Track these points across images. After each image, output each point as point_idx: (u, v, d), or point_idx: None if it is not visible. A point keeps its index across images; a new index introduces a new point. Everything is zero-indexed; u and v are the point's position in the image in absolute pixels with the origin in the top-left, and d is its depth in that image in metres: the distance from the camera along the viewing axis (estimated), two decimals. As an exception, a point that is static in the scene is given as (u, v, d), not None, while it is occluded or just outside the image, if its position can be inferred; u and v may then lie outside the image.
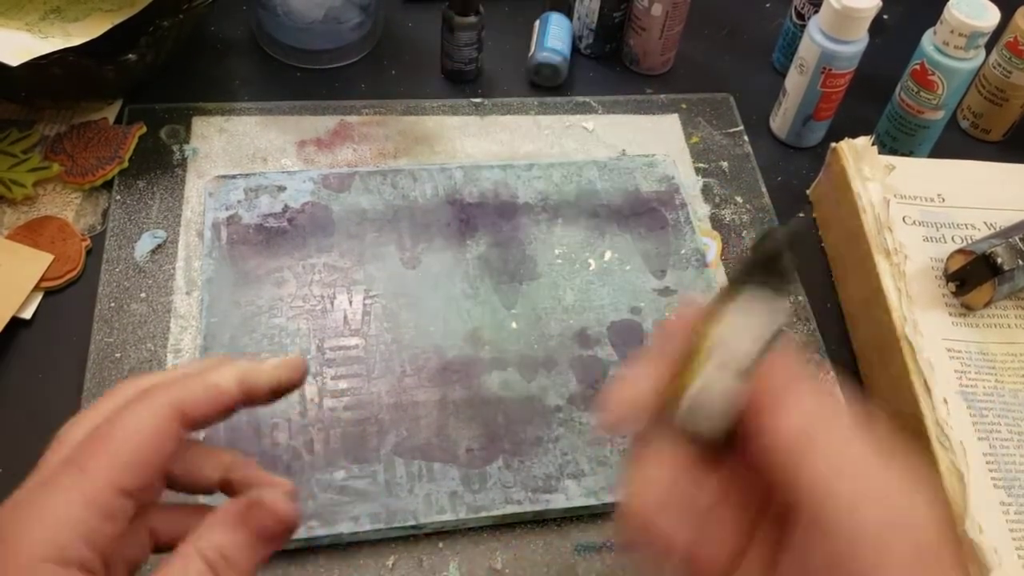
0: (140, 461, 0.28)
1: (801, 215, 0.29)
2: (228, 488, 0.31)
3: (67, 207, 0.59)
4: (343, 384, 0.51)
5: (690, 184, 0.66)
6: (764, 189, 0.66)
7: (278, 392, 0.31)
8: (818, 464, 0.25)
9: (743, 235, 0.63)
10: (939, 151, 0.68)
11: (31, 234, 0.57)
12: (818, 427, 0.26)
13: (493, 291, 0.56)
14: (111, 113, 0.64)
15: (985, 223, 0.60)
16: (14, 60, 0.54)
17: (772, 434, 0.26)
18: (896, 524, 0.25)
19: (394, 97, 0.69)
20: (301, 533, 0.46)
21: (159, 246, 0.57)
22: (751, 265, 0.29)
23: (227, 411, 0.30)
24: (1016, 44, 0.66)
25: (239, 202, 0.58)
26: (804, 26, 0.66)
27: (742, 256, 0.62)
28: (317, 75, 0.70)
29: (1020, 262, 0.53)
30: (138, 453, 0.27)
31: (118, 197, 0.60)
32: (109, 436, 0.28)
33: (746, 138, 0.69)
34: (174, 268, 0.57)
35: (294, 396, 0.50)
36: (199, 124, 0.64)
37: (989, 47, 0.64)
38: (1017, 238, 0.54)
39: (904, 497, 0.26)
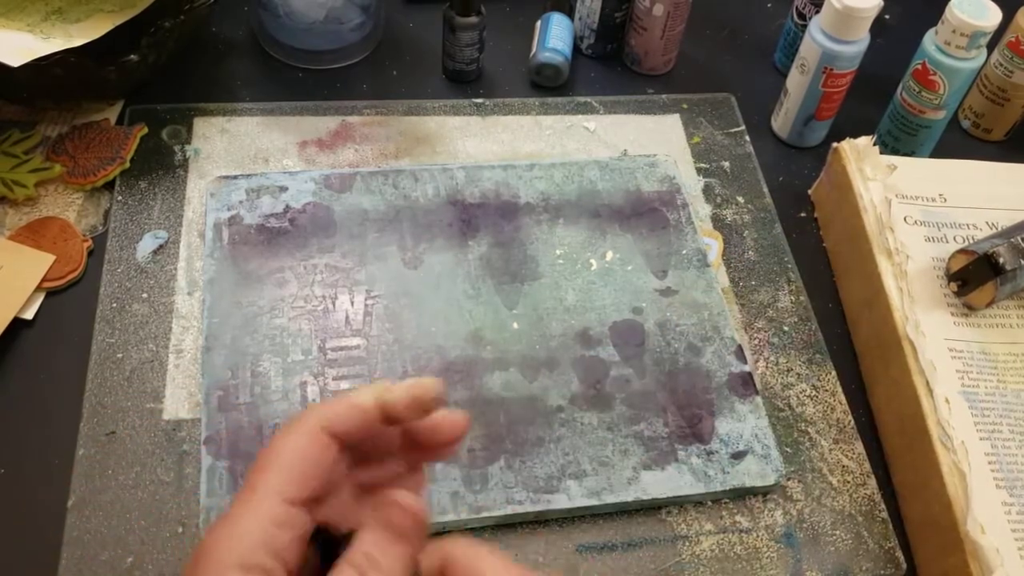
0: (299, 473, 0.32)
1: None
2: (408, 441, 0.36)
3: (69, 208, 0.59)
4: (345, 384, 0.51)
5: (691, 184, 0.66)
6: (765, 189, 0.66)
7: (415, 408, 0.34)
8: None
9: (744, 235, 0.63)
10: (940, 151, 0.68)
11: (33, 235, 0.57)
12: None
13: (495, 291, 0.56)
14: (113, 114, 0.64)
15: (987, 223, 0.60)
16: (16, 61, 0.54)
17: None
18: None
19: (395, 97, 0.69)
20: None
21: (161, 246, 0.58)
22: None
23: (369, 425, 0.34)
24: (1017, 44, 0.65)
25: (241, 202, 0.58)
26: (805, 26, 0.66)
27: (744, 256, 0.62)
28: (318, 76, 0.70)
29: (1022, 262, 0.53)
30: (296, 467, 0.32)
31: (120, 198, 0.60)
32: (272, 456, 0.32)
33: (747, 138, 0.69)
34: (176, 268, 0.57)
35: (296, 396, 0.50)
36: (200, 125, 0.64)
37: (990, 47, 0.64)
38: (1019, 238, 0.54)
39: None
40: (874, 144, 0.61)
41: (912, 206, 0.60)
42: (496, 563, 0.33)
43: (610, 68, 0.74)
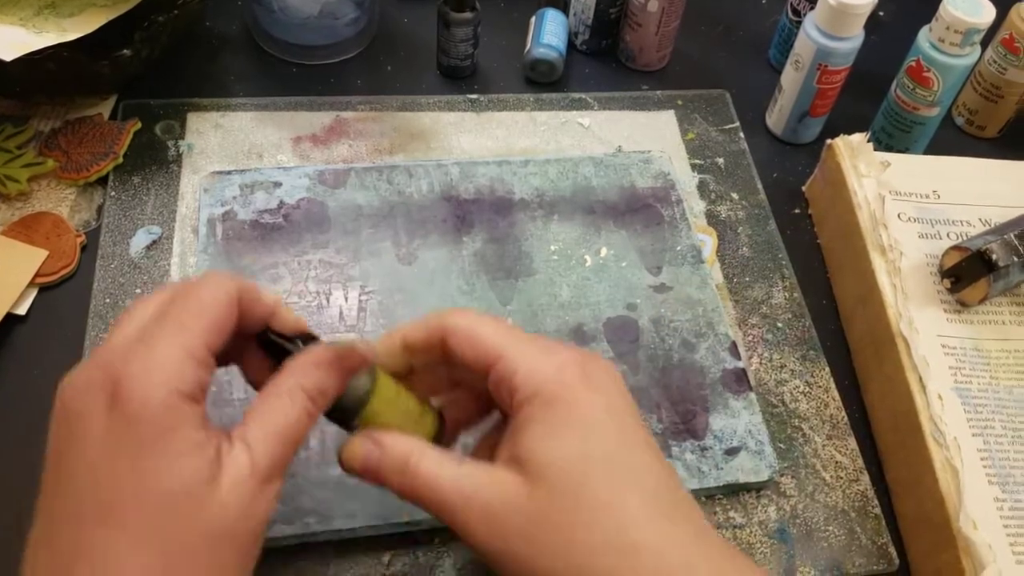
0: (222, 325, 0.34)
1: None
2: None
3: (62, 203, 0.59)
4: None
5: (686, 180, 0.66)
6: (760, 185, 0.66)
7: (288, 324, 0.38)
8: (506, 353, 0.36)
9: (739, 231, 0.63)
10: (934, 148, 0.68)
11: (25, 230, 0.57)
12: (507, 341, 0.37)
13: (489, 287, 0.56)
14: (106, 109, 0.64)
15: (980, 220, 0.60)
16: (8, 55, 0.54)
17: (476, 352, 0.37)
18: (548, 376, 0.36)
19: (390, 93, 0.69)
20: (297, 529, 0.46)
21: (154, 242, 0.57)
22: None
23: (259, 320, 0.37)
24: (1011, 41, 0.66)
25: (234, 198, 0.58)
26: (800, 22, 0.67)
27: (738, 253, 0.62)
28: (312, 71, 0.70)
29: (1015, 259, 0.53)
30: (221, 318, 0.34)
31: (113, 193, 0.59)
32: (200, 300, 0.34)
33: (742, 134, 0.69)
34: (169, 264, 0.56)
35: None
36: (194, 120, 0.64)
37: (984, 44, 0.64)
38: (1012, 235, 0.54)
39: (554, 367, 0.36)
40: (868, 141, 0.61)
41: (906, 203, 0.60)
42: (493, 324, 0.38)
43: (605, 64, 0.74)
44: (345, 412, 0.38)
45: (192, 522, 0.31)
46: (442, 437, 0.41)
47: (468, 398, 0.42)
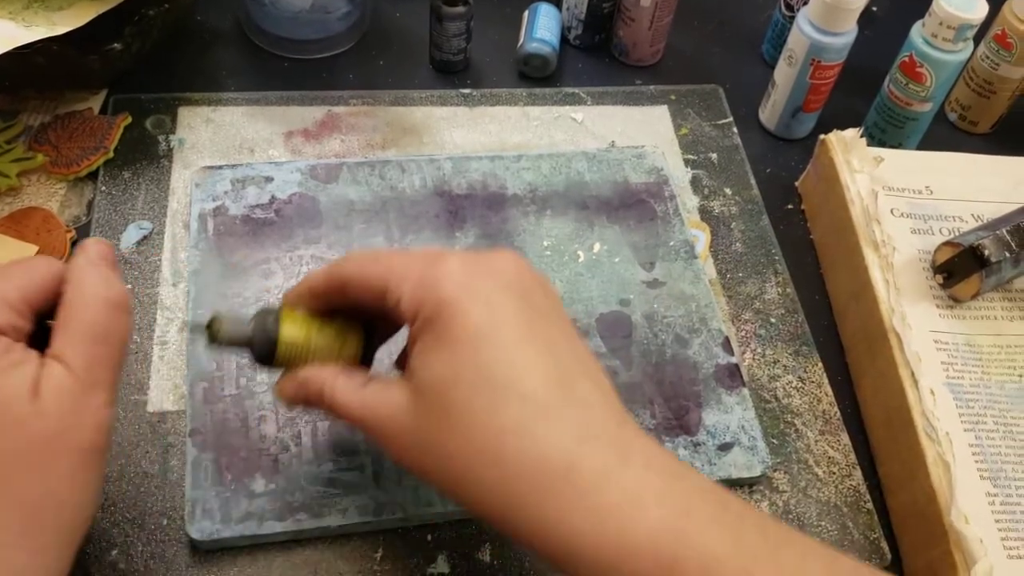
0: (41, 284, 0.37)
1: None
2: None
3: (52, 198, 0.58)
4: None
5: (679, 175, 0.66)
6: (753, 181, 0.66)
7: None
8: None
9: (732, 227, 0.63)
10: (927, 143, 0.68)
11: (15, 225, 0.56)
12: (392, 270, 0.38)
13: (482, 283, 0.56)
14: (96, 103, 0.63)
15: (973, 215, 0.60)
16: (-3, 49, 0.53)
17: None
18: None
19: (382, 88, 0.68)
20: (289, 526, 0.46)
21: (145, 237, 0.57)
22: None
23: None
24: (1004, 36, 0.66)
25: (226, 193, 0.58)
26: (793, 18, 0.66)
27: (731, 248, 0.62)
28: (304, 65, 0.70)
29: (1007, 254, 0.53)
30: (39, 279, 0.37)
31: (103, 188, 0.59)
32: (26, 263, 0.38)
33: (735, 130, 0.69)
34: (160, 259, 0.56)
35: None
36: (185, 114, 0.64)
37: (977, 39, 0.64)
38: (1004, 230, 0.54)
39: (434, 284, 0.36)
40: (861, 136, 0.61)
41: (899, 198, 0.60)
42: (382, 257, 0.39)
43: (598, 59, 0.74)
44: (260, 357, 0.41)
45: (17, 432, 0.34)
46: (370, 352, 0.44)
47: None
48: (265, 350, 0.40)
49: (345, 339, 0.42)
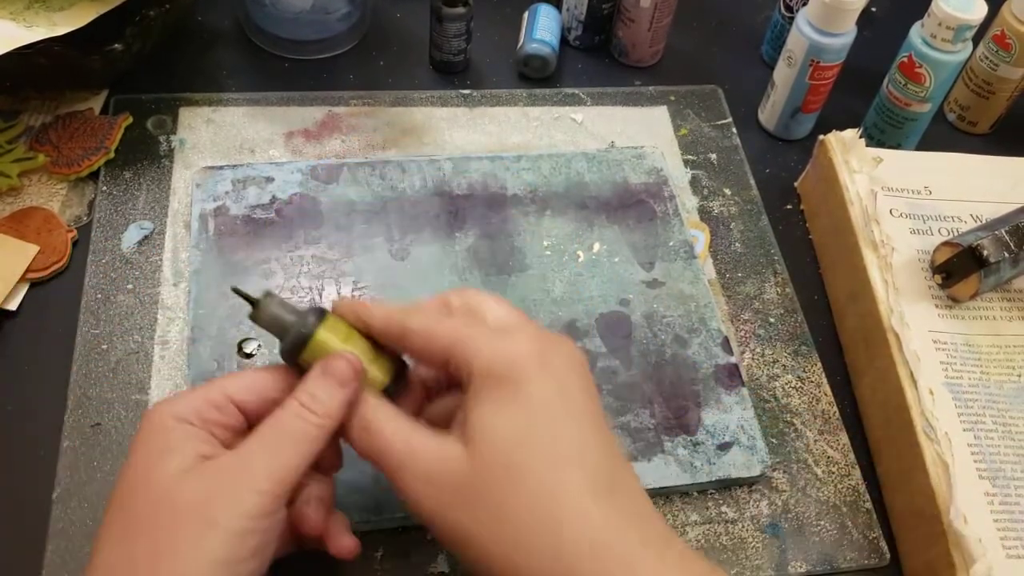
0: (251, 387, 0.40)
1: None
2: None
3: (53, 198, 0.59)
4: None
5: (678, 176, 0.66)
6: (752, 181, 0.66)
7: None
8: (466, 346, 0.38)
9: (731, 227, 0.63)
10: (926, 144, 0.68)
11: (16, 225, 0.56)
12: (463, 334, 0.38)
13: (482, 283, 0.56)
14: (97, 103, 0.64)
15: (972, 216, 0.60)
16: (-2, 49, 0.53)
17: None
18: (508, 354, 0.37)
19: (382, 88, 0.68)
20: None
21: (146, 237, 0.57)
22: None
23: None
24: (1003, 37, 0.66)
25: (226, 193, 0.58)
26: (792, 18, 0.67)
27: (730, 248, 0.62)
28: (305, 66, 0.70)
29: (1006, 254, 0.53)
30: (249, 384, 0.40)
31: (104, 188, 0.59)
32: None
33: (734, 130, 0.70)
34: (161, 259, 0.56)
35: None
36: (186, 115, 0.64)
37: (976, 40, 0.64)
38: (1003, 230, 0.54)
39: (509, 350, 0.37)
40: (860, 137, 0.62)
41: (898, 198, 0.60)
42: (450, 323, 0.39)
43: (598, 60, 0.74)
44: (290, 348, 0.40)
45: (146, 492, 0.36)
46: (400, 387, 0.42)
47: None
48: (297, 342, 0.40)
49: (385, 359, 0.41)
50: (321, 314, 0.40)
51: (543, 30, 0.70)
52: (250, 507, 0.35)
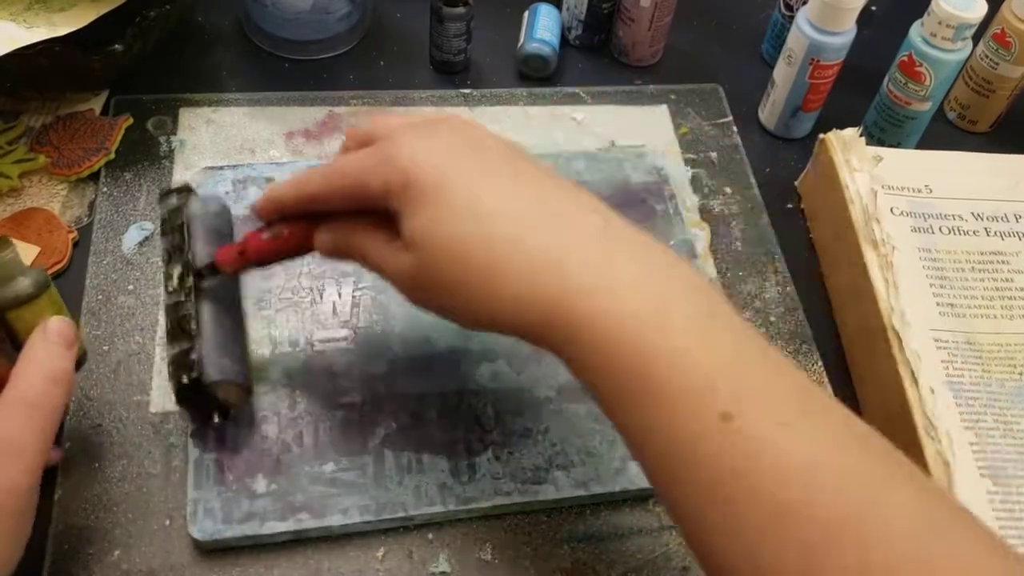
0: None
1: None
2: None
3: (53, 199, 0.59)
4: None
5: (679, 175, 0.66)
6: (753, 180, 0.66)
7: None
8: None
9: (732, 226, 0.63)
10: (926, 142, 0.68)
11: (17, 226, 0.56)
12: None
13: (482, 283, 0.56)
14: (97, 104, 0.64)
15: (972, 213, 0.60)
16: (-1, 50, 0.53)
17: None
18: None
19: (383, 88, 0.68)
20: (290, 526, 0.46)
21: (147, 238, 0.57)
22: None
23: None
24: (1003, 35, 0.66)
25: (227, 193, 0.58)
26: (792, 17, 0.67)
27: (731, 247, 0.62)
28: (305, 66, 0.70)
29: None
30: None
31: (105, 189, 0.59)
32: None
33: (735, 129, 0.70)
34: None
35: (283, 389, 0.50)
36: (186, 115, 0.64)
37: (976, 39, 0.64)
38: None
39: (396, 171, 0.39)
40: (860, 135, 0.62)
41: (898, 197, 0.60)
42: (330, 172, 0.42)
43: (598, 59, 0.74)
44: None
45: None
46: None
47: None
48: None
49: None
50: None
51: (543, 29, 0.70)
52: (22, 488, 0.38)
